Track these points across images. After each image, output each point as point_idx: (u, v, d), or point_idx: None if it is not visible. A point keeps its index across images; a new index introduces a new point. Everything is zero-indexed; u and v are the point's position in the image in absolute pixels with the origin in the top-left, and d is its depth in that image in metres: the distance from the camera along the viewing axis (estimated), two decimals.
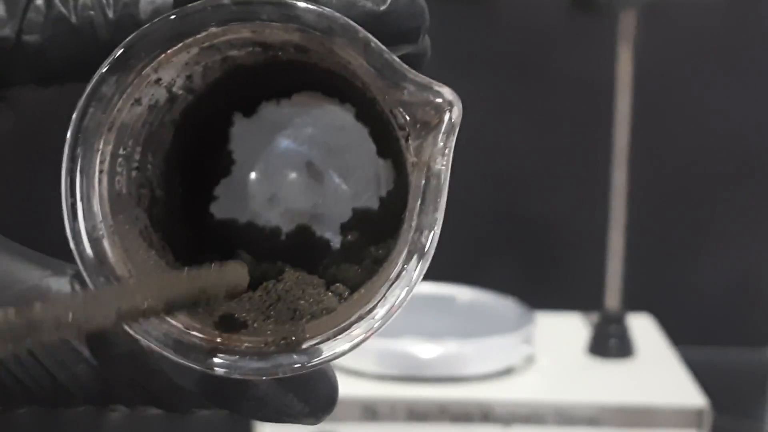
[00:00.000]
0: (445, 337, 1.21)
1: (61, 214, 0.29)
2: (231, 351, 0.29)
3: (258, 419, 0.31)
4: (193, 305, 0.28)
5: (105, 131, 0.30)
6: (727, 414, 1.22)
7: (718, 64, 1.47)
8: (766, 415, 1.37)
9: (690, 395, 1.18)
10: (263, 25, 0.29)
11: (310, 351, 0.29)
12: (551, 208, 1.51)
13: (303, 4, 0.29)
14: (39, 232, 0.55)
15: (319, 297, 0.31)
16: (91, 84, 0.29)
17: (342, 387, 0.32)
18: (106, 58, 0.29)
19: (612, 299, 1.33)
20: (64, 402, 0.30)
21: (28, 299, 0.29)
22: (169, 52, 0.30)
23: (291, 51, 0.30)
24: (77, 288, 0.30)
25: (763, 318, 1.52)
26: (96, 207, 0.30)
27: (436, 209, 0.28)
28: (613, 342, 1.29)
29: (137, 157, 0.32)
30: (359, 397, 1.15)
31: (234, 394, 0.30)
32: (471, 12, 1.45)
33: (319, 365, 0.29)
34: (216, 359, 0.29)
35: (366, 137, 0.34)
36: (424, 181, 0.28)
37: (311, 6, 0.29)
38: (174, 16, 0.29)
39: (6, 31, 0.31)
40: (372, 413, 1.15)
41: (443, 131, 0.29)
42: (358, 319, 0.29)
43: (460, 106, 0.29)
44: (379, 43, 0.29)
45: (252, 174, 0.35)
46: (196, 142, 0.34)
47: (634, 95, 1.30)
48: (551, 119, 1.49)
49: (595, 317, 1.34)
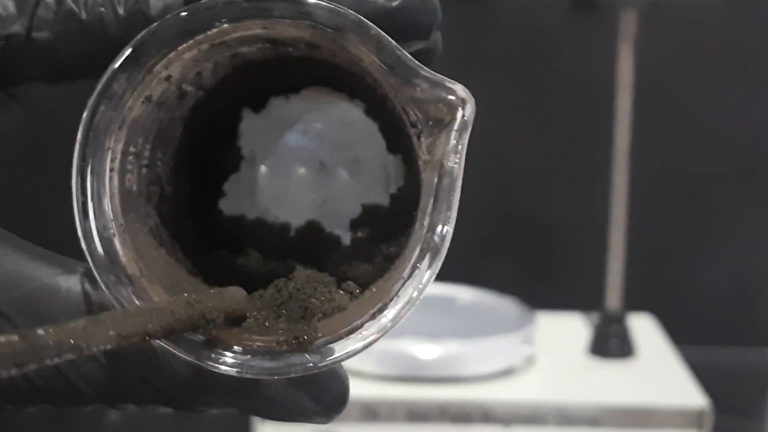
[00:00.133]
0: (445, 338, 1.21)
1: (72, 212, 0.29)
2: (243, 350, 0.29)
3: (268, 418, 0.31)
4: (193, 329, 0.28)
5: (116, 129, 0.29)
6: (728, 414, 1.22)
7: (718, 63, 1.47)
8: (766, 416, 1.37)
9: (691, 395, 1.18)
10: (274, 22, 0.29)
11: (322, 350, 0.29)
12: (552, 208, 1.50)
13: (314, 0, 0.29)
14: (49, 230, 0.55)
15: (331, 295, 0.31)
16: (102, 81, 0.29)
17: None
18: (116, 55, 0.29)
19: (612, 299, 1.33)
20: (74, 401, 0.30)
21: (38, 297, 0.29)
22: (180, 48, 0.29)
23: (302, 47, 0.30)
24: (87, 286, 0.30)
25: (764, 318, 1.52)
26: (107, 205, 0.29)
27: (449, 207, 0.28)
28: (614, 342, 1.29)
29: (147, 155, 0.31)
30: (359, 398, 1.15)
31: (245, 393, 0.30)
32: (471, 12, 1.45)
33: (331, 365, 0.29)
34: (227, 358, 0.29)
35: (375, 133, 0.34)
36: (437, 179, 0.28)
37: (323, 2, 0.29)
38: (185, 12, 0.29)
39: (16, 28, 0.31)
40: (372, 413, 1.15)
41: (456, 129, 0.28)
42: (370, 318, 0.29)
43: (473, 103, 0.28)
44: (391, 40, 0.28)
45: (261, 170, 0.35)
46: (205, 138, 0.34)
47: (634, 95, 1.30)
48: (552, 119, 1.49)
49: (596, 317, 1.34)
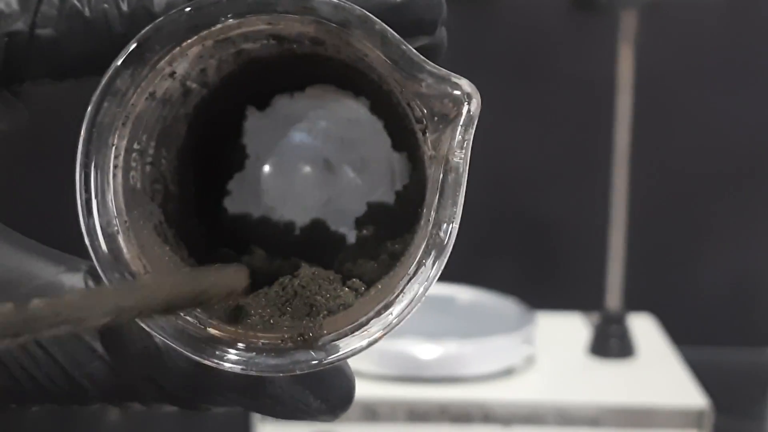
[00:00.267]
0: (445, 338, 1.21)
1: (75, 209, 0.29)
2: (247, 347, 0.29)
3: (274, 416, 0.31)
4: (193, 304, 0.27)
5: (119, 126, 0.29)
6: (728, 414, 1.22)
7: (718, 63, 1.47)
8: (766, 416, 1.37)
9: (691, 395, 1.18)
10: (279, 17, 0.29)
11: (327, 347, 0.29)
12: (552, 208, 1.50)
13: None
14: (53, 227, 0.55)
15: (336, 292, 0.30)
16: (106, 78, 0.29)
17: None
18: (120, 51, 0.29)
19: (613, 299, 1.33)
20: (79, 400, 0.30)
21: (42, 295, 0.29)
22: (184, 45, 0.29)
23: (306, 43, 0.30)
24: (91, 284, 0.30)
25: (764, 318, 1.52)
26: (110, 202, 0.29)
27: (454, 203, 0.28)
28: (614, 342, 1.29)
29: (151, 153, 0.31)
30: (359, 398, 1.13)
31: (250, 391, 0.30)
32: (471, 12, 1.45)
33: (337, 362, 0.29)
34: (232, 356, 0.29)
35: (381, 130, 0.34)
36: (442, 175, 0.28)
37: None
38: (189, 8, 0.29)
39: (19, 25, 0.31)
40: (372, 413, 1.15)
41: (462, 124, 0.28)
42: (375, 315, 0.29)
43: (478, 98, 0.28)
44: (396, 35, 0.28)
45: (265, 168, 0.35)
46: (209, 136, 0.34)
47: (634, 95, 1.30)
48: (552, 119, 1.48)
49: (596, 317, 1.33)
